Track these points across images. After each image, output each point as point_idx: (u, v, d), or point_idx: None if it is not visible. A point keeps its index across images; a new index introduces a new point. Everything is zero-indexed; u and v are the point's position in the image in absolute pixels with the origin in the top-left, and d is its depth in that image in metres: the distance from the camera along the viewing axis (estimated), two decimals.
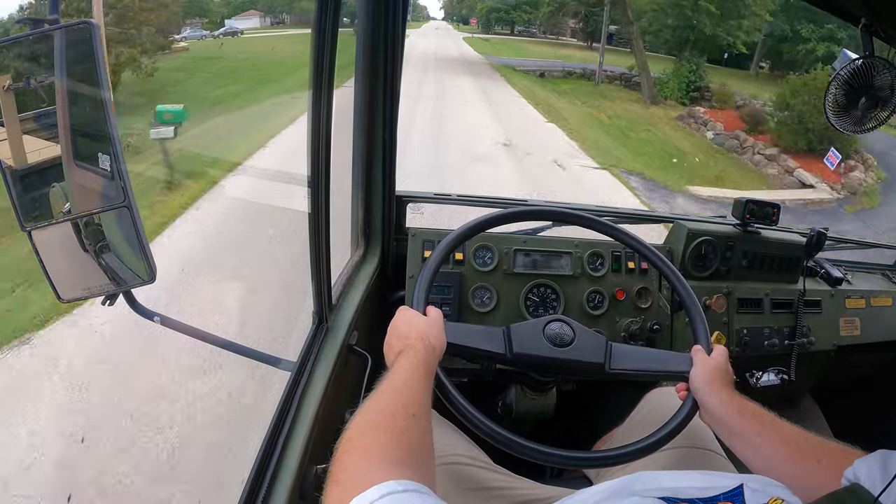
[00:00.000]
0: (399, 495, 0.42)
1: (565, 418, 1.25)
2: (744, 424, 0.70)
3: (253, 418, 2.37)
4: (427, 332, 0.70)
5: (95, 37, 0.55)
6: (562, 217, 1.02)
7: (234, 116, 8.98)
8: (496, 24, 33.35)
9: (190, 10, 18.19)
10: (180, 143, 5.96)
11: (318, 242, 0.78)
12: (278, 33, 23.12)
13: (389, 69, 1.05)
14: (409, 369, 0.62)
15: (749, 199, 1.31)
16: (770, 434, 0.68)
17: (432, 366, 0.67)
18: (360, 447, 0.49)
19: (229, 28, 20.86)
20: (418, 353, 0.65)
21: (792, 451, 0.66)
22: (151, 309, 0.66)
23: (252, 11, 25.25)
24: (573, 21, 25.88)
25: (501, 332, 0.82)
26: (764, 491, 0.49)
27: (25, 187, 0.59)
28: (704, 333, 0.85)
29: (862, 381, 1.63)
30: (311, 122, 0.70)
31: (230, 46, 17.01)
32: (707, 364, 0.78)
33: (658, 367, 0.83)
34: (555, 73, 16.79)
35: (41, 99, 0.59)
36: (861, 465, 0.56)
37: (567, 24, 28.42)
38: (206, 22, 21.34)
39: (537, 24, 30.83)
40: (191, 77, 11.35)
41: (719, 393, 0.74)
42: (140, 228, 0.60)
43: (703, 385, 0.76)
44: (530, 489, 0.82)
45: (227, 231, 4.46)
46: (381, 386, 0.59)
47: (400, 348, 0.67)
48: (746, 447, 0.69)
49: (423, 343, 0.67)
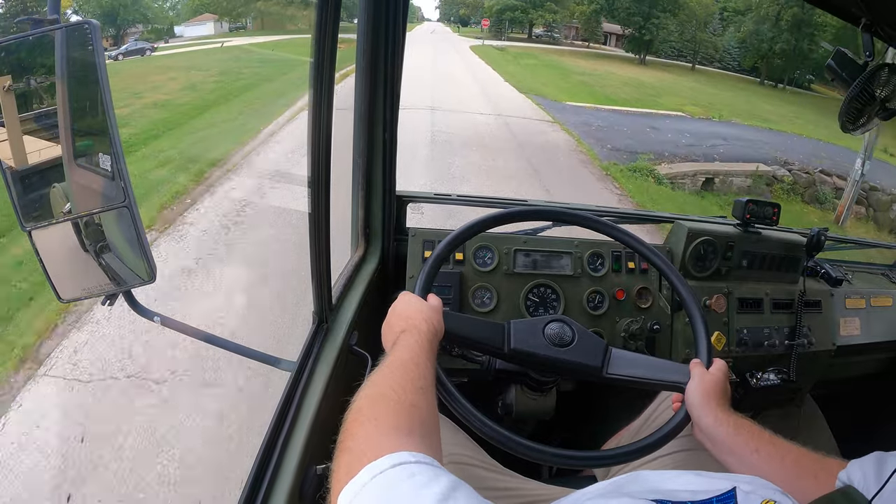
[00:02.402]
0: (411, 466, 0.41)
1: (565, 419, 1.25)
2: (739, 442, 0.69)
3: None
4: (430, 315, 0.69)
5: (95, 37, 0.55)
6: (562, 217, 1.02)
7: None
8: (510, 25, 27.25)
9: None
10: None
11: (318, 242, 0.77)
12: (231, 43, 18.30)
13: (389, 69, 1.05)
14: (413, 346, 0.62)
15: (749, 199, 1.31)
16: (767, 450, 0.67)
17: (435, 346, 0.66)
18: (371, 416, 0.49)
19: (133, 46, 16.05)
20: (422, 332, 0.65)
21: (789, 467, 0.65)
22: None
23: (206, 15, 21.65)
24: (620, 27, 21.32)
25: (501, 327, 0.82)
26: (756, 493, 0.49)
27: (26, 187, 0.59)
28: (706, 346, 0.84)
29: (862, 381, 1.63)
30: (311, 122, 0.70)
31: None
32: (704, 380, 0.77)
33: (654, 377, 0.82)
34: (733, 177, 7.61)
35: (41, 99, 0.58)
36: (855, 467, 0.56)
37: (602, 29, 24.17)
38: (149, 31, 17.81)
39: (565, 26, 25.43)
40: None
41: (715, 412, 0.73)
42: (140, 228, 0.60)
43: (699, 402, 0.75)
44: (531, 489, 0.82)
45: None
46: (386, 361, 0.59)
47: (402, 327, 0.66)
48: (742, 465, 0.68)
49: (426, 324, 0.66)
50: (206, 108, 9.29)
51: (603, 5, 20.47)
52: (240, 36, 21.17)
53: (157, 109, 8.90)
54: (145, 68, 13.75)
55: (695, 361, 0.81)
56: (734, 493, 0.49)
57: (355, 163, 1.15)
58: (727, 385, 0.78)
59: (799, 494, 0.60)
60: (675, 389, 0.81)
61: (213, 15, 22.15)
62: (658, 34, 19.73)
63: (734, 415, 0.73)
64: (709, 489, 0.50)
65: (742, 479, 0.52)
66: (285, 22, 22.39)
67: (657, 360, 0.86)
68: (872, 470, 0.54)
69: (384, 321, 0.72)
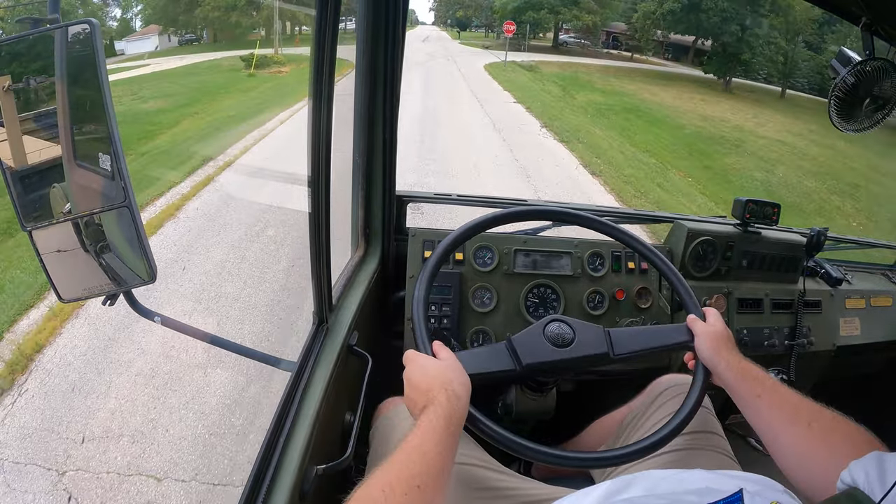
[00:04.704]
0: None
1: (565, 418, 1.25)
2: (745, 387, 0.74)
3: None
4: (448, 379, 0.67)
5: (96, 36, 0.55)
6: (562, 217, 1.02)
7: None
8: (532, 30, 20.81)
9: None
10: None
11: (318, 242, 0.77)
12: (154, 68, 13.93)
13: (389, 69, 1.05)
14: (427, 430, 0.60)
15: (749, 200, 1.31)
16: (768, 396, 0.72)
17: (457, 416, 0.64)
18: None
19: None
20: (440, 406, 0.63)
21: (787, 414, 0.69)
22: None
23: (152, 27, 17.62)
24: (693, 37, 15.59)
25: (505, 347, 0.81)
26: (763, 495, 0.49)
27: (26, 187, 0.59)
28: (693, 301, 0.88)
29: (862, 381, 1.63)
30: (311, 122, 0.70)
31: None
32: (708, 332, 0.81)
33: (660, 342, 0.85)
34: None
35: (41, 99, 0.58)
36: (857, 468, 0.56)
37: (654, 36, 17.80)
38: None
39: (623, 34, 19.05)
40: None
41: (726, 359, 0.77)
42: (140, 228, 0.60)
43: (711, 353, 0.79)
44: (531, 489, 0.82)
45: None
46: (396, 450, 0.58)
47: (423, 403, 0.64)
48: (747, 409, 0.73)
49: (445, 394, 0.64)
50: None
51: (684, 5, 14.14)
52: (180, 55, 16.60)
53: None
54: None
55: (690, 317, 0.85)
56: (741, 496, 0.49)
57: (355, 163, 1.15)
58: (729, 331, 0.83)
59: (792, 439, 0.67)
60: (683, 349, 0.85)
61: (156, 27, 17.81)
62: (756, 49, 14.37)
63: (743, 360, 0.77)
64: (714, 490, 0.50)
65: (749, 478, 0.51)
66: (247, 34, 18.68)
67: (655, 328, 0.91)
68: (875, 471, 0.54)
69: (404, 394, 0.70)
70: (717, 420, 0.90)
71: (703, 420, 0.86)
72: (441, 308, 1.15)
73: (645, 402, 0.96)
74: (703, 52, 17.42)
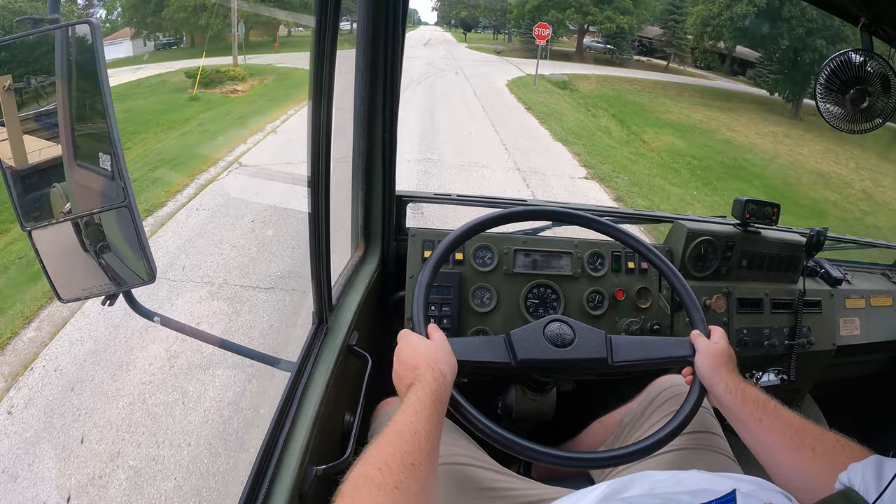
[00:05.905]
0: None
1: (565, 418, 1.25)
2: (745, 411, 0.72)
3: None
4: (436, 359, 0.68)
5: (96, 36, 0.55)
6: (562, 217, 1.02)
7: None
8: (555, 31, 16.03)
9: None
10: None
11: (318, 242, 0.77)
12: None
13: (389, 69, 1.05)
14: (415, 407, 0.60)
15: (749, 199, 1.31)
16: (770, 421, 0.70)
17: (443, 395, 0.65)
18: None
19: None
20: (427, 384, 0.63)
21: (789, 438, 0.67)
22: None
23: (126, 30, 15.71)
24: (753, 51, 12.50)
25: (503, 341, 0.81)
26: (756, 495, 0.49)
27: (26, 187, 0.59)
28: (699, 317, 0.86)
29: (862, 381, 1.63)
30: (311, 122, 0.70)
31: None
32: (710, 350, 0.79)
33: (661, 355, 0.84)
34: None
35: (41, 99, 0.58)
36: (855, 469, 0.56)
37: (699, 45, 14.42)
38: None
39: (657, 39, 16.37)
40: None
41: (725, 380, 0.75)
42: (140, 228, 0.60)
43: (710, 372, 0.77)
44: (530, 489, 0.82)
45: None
46: (386, 428, 0.58)
47: (410, 380, 0.65)
48: (747, 433, 0.71)
49: (432, 373, 0.65)
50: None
51: (761, 10, 11.18)
52: (166, 59, 14.15)
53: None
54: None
55: (694, 333, 0.83)
56: (733, 497, 0.49)
57: (355, 163, 1.15)
58: (732, 351, 0.81)
59: (796, 465, 0.64)
60: (683, 364, 0.83)
61: (129, 30, 15.71)
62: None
63: (743, 382, 0.75)
64: (709, 490, 0.50)
65: (743, 479, 0.52)
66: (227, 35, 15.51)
67: (657, 339, 0.88)
68: (872, 473, 0.55)
69: (392, 370, 0.71)
70: (717, 420, 0.90)
71: (702, 420, 0.86)
72: (441, 308, 1.15)
73: (644, 403, 0.96)
74: (748, 63, 14.56)
